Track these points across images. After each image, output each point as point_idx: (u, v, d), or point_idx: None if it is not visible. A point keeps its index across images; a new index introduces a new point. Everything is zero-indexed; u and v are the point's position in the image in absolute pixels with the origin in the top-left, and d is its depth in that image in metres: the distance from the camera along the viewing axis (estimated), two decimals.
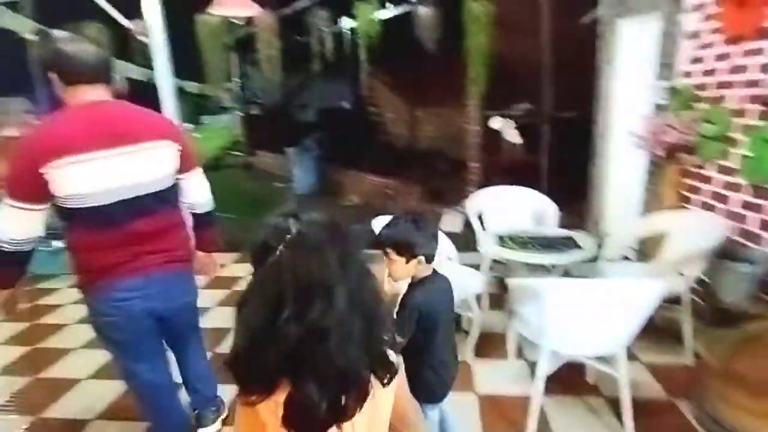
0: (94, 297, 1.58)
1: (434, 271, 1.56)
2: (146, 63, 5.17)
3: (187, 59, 5.77)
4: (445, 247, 2.82)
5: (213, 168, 10.79)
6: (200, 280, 1.94)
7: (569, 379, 2.35)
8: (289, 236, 0.77)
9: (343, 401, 0.78)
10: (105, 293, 1.55)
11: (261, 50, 5.35)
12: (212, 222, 1.95)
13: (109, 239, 1.51)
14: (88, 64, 1.47)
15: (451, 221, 5.52)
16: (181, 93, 11.04)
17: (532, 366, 2.51)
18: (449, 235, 2.99)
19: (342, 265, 0.78)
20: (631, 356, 2.51)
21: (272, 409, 0.76)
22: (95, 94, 1.49)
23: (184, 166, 1.69)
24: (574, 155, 4.98)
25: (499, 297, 3.28)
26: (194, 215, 1.88)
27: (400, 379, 0.95)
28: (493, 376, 2.49)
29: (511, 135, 5.04)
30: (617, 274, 2.66)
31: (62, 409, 2.38)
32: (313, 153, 8.18)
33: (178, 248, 1.69)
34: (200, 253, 1.94)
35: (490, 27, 4.35)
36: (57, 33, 4.58)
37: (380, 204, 6.80)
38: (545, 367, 1.98)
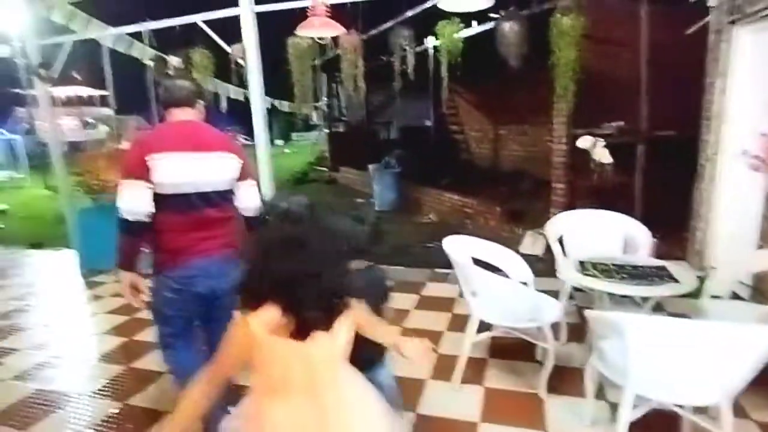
0: (166, 274, 1.94)
1: (369, 266, 1.85)
2: (243, 84, 5.63)
3: (279, 80, 6.16)
4: (520, 270, 2.65)
5: (298, 182, 11.37)
6: None
7: (660, 430, 2.07)
8: (278, 210, 1.19)
9: (324, 319, 1.13)
10: (176, 271, 1.93)
11: (346, 70, 5.54)
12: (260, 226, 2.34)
13: (185, 222, 1.92)
14: (176, 95, 2.00)
15: (531, 244, 5.24)
16: (275, 112, 11.82)
17: (614, 408, 2.25)
18: (528, 258, 2.81)
19: (317, 232, 1.15)
20: (741, 412, 2.15)
21: (260, 320, 1.09)
22: (183, 114, 2.00)
23: (242, 176, 2.11)
24: (672, 178, 4.50)
25: (578, 328, 3.01)
26: (245, 218, 2.18)
27: (361, 310, 1.31)
28: (568, 416, 2.26)
29: (601, 155, 4.67)
30: (723, 313, 2.31)
31: (146, 398, 2.57)
32: (393, 170, 8.27)
33: (232, 236, 2.08)
34: None
35: (580, 41, 4.11)
36: (170, 58, 5.17)
37: (458, 223, 6.66)
38: (628, 413, 1.76)
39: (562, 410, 2.30)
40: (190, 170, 1.91)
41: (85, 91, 13.80)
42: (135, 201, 1.83)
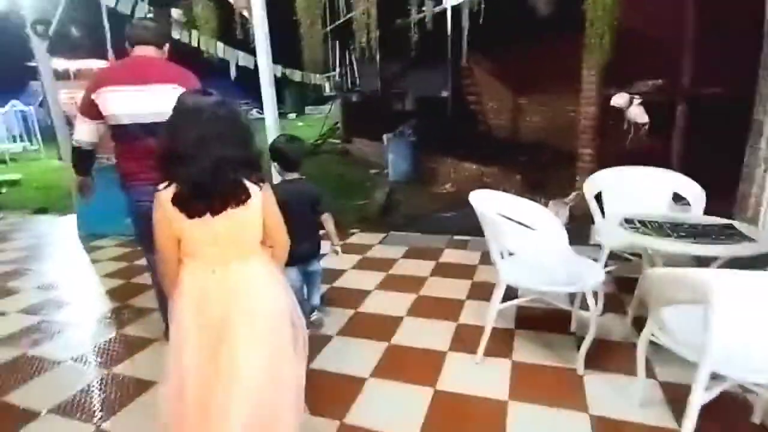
0: (126, 193, 2.19)
1: (299, 178, 2.36)
2: (251, 48, 5.20)
3: (290, 46, 5.74)
4: (553, 229, 2.27)
5: (311, 153, 10.99)
6: None
7: (725, 413, 1.72)
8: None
9: (206, 203, 1.27)
10: (130, 193, 2.17)
11: (360, 37, 5.09)
12: None
13: (132, 151, 2.08)
14: (138, 32, 2.13)
15: (555, 214, 4.83)
16: (287, 83, 11.37)
17: (666, 388, 1.90)
18: None
19: (210, 119, 1.25)
20: None
21: (168, 194, 1.27)
22: (141, 52, 2.11)
23: None
24: (718, 140, 4.01)
25: (614, 299, 2.64)
26: None
27: (271, 206, 1.39)
28: (612, 395, 1.91)
29: (636, 114, 4.20)
30: None
31: (133, 366, 2.28)
32: (408, 140, 7.84)
33: None
34: None
35: None
36: (172, 11, 4.78)
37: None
38: (701, 394, 1.40)
39: (605, 389, 1.95)
40: (130, 103, 2.02)
41: (96, 64, 13.57)
42: (81, 134, 2.13)
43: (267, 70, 4.49)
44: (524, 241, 2.01)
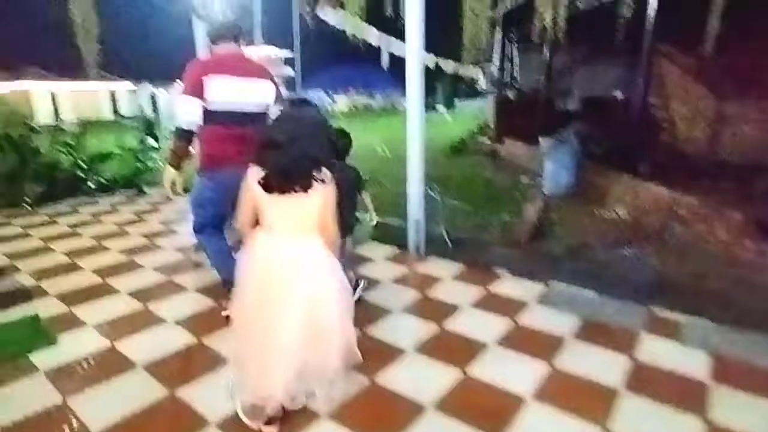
0: (207, 176, 2.37)
1: (344, 164, 2.64)
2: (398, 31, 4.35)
3: (444, 36, 4.77)
4: None
5: (455, 151, 9.85)
6: None
7: None
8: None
9: (282, 184, 1.56)
10: (215, 173, 2.32)
11: (531, 24, 3.85)
12: None
13: (223, 135, 2.29)
14: (220, 31, 2.39)
15: None
16: (439, 73, 10.40)
17: None
18: None
19: (307, 123, 1.60)
20: None
21: (255, 175, 1.57)
22: (227, 47, 2.38)
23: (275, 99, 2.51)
24: None
25: None
26: None
27: (329, 202, 1.63)
28: None
29: None
30: None
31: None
32: (572, 146, 6.23)
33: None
34: None
35: None
36: None
37: (659, 226, 4.50)
38: None
39: None
40: (233, 92, 2.26)
41: (279, 53, 14.41)
42: (188, 113, 2.19)
43: (416, 58, 3.55)
44: None
